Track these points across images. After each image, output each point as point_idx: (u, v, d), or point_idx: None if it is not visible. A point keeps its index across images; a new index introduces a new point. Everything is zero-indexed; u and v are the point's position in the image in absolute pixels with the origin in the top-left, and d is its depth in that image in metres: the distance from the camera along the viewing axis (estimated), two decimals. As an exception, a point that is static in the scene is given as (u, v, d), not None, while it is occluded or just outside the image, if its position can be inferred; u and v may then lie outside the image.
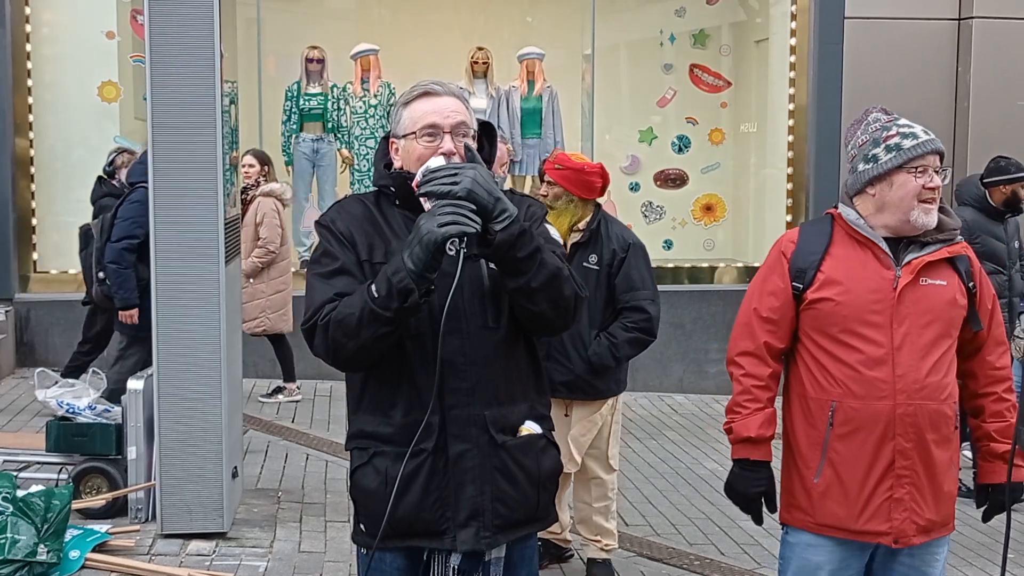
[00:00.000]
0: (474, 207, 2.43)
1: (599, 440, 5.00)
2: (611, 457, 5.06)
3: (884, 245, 3.10)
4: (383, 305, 2.45)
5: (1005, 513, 3.18)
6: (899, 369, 3.05)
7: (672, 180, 10.35)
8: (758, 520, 3.34)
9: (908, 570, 3.20)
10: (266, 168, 8.24)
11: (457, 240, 2.43)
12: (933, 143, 3.08)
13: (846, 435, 3.10)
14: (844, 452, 3.11)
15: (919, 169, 3.06)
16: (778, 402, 3.29)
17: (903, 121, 3.14)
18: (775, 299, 3.19)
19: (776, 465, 3.27)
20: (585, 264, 4.84)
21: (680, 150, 10.36)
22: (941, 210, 3.15)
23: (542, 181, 5.09)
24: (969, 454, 6.33)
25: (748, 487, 3.25)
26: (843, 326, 3.10)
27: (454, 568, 2.63)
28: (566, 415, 4.92)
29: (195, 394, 4.97)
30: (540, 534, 5.19)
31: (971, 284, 3.14)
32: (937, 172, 3.07)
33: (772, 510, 3.31)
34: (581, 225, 4.88)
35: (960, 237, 3.17)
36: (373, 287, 2.48)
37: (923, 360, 3.06)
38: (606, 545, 5.09)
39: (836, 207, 3.23)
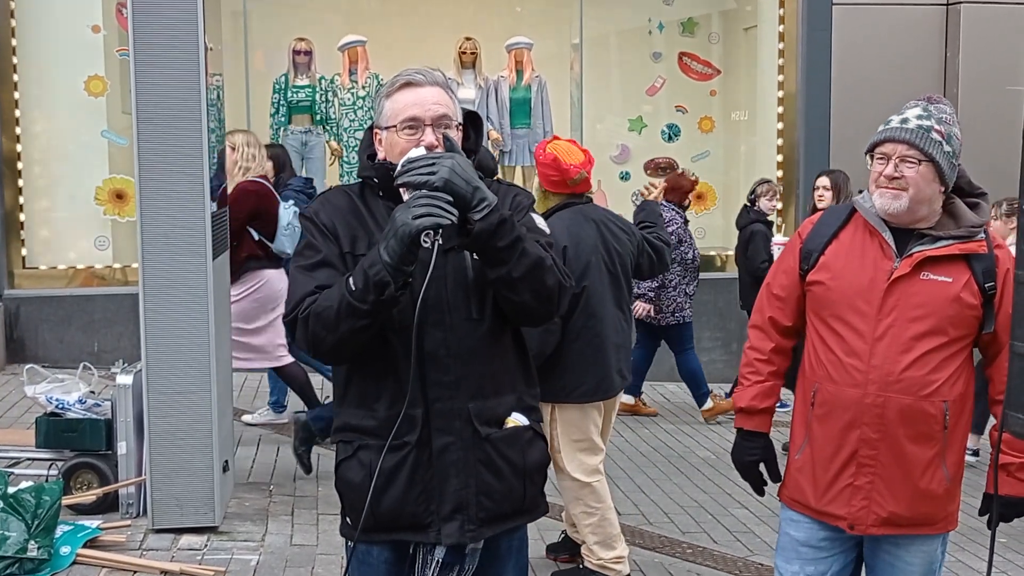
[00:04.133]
0: (450, 198, 2.42)
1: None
2: (565, 466, 4.79)
3: (888, 234, 3.08)
4: (360, 298, 2.44)
5: (993, 499, 3.18)
6: (875, 359, 3.04)
7: (662, 169, 10.33)
8: (758, 490, 3.39)
9: (893, 560, 3.20)
10: None
11: (432, 232, 2.41)
12: (895, 131, 3.02)
13: (821, 417, 3.14)
14: (818, 434, 3.15)
15: (879, 156, 3.07)
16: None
17: (914, 108, 3.07)
18: (785, 277, 3.25)
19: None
20: None
21: (670, 139, 10.35)
22: (972, 204, 3.10)
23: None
24: None
25: (743, 456, 3.34)
26: (832, 311, 3.12)
27: (439, 561, 2.62)
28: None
29: (184, 388, 4.95)
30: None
31: (988, 285, 3.03)
32: (906, 161, 2.99)
33: (775, 480, 3.36)
34: None
35: (981, 234, 3.05)
36: (351, 280, 2.47)
37: (904, 354, 3.02)
38: (587, 554, 4.89)
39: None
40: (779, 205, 8.37)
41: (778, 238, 7.99)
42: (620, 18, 10.63)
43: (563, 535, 5.22)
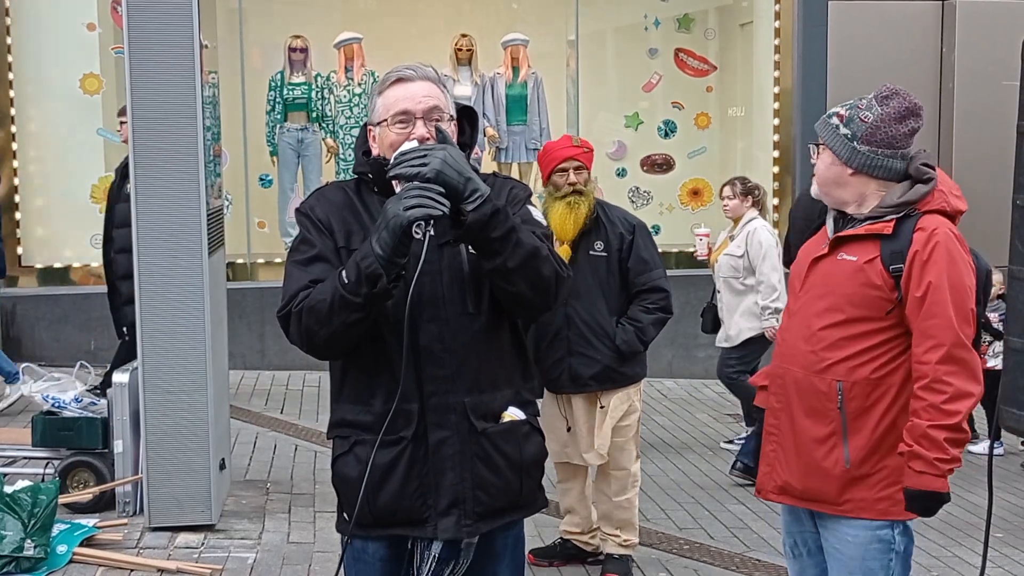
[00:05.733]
0: (442, 189, 2.42)
1: (627, 428, 4.92)
2: (637, 444, 5.01)
3: (829, 220, 3.21)
4: (353, 291, 2.44)
5: (988, 494, 3.18)
6: (787, 334, 3.20)
7: (659, 165, 10.34)
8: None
9: (826, 544, 3.20)
10: None
11: (423, 223, 2.41)
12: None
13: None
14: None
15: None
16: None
17: (860, 99, 3.16)
18: (798, 266, 3.36)
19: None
20: (592, 252, 4.78)
21: (666, 135, 10.34)
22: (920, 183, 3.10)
23: (551, 174, 4.89)
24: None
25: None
26: (791, 293, 3.31)
27: (435, 556, 2.62)
28: (601, 407, 4.84)
29: (181, 386, 4.95)
30: (563, 532, 5.18)
31: (893, 267, 3.02)
32: (817, 149, 3.16)
33: None
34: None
35: (892, 215, 3.05)
36: (343, 273, 2.47)
37: (804, 329, 3.12)
38: (625, 540, 4.97)
39: None
40: None
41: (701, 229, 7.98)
42: (616, 14, 10.62)
43: (560, 540, 5.21)
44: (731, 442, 7.48)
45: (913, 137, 3.11)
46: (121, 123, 7.11)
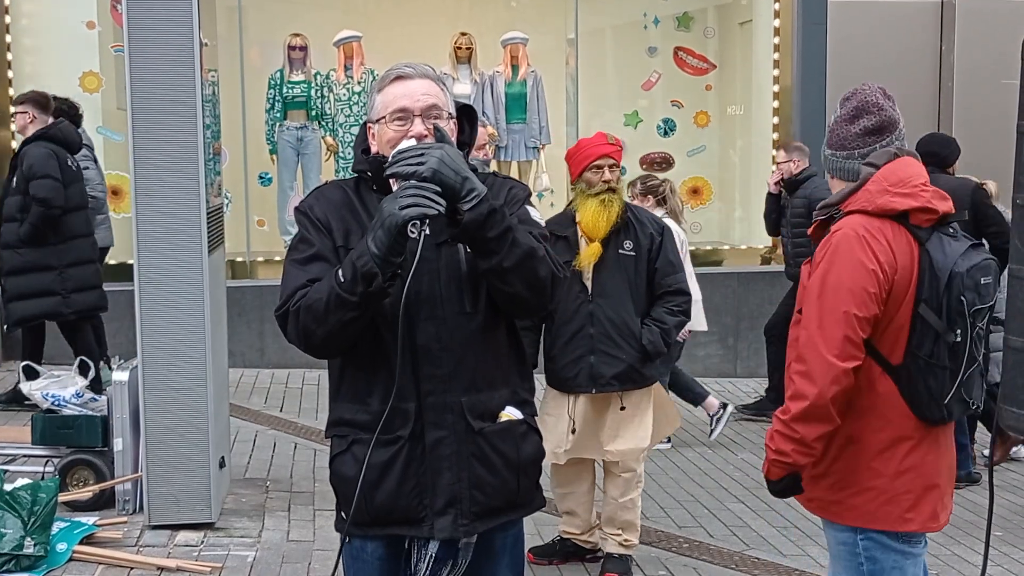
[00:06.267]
0: (439, 188, 2.42)
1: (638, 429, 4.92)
2: (649, 447, 5.00)
3: None
4: (349, 290, 2.44)
5: (989, 493, 3.19)
6: None
7: (658, 164, 10.33)
8: None
9: None
10: None
11: (419, 222, 2.41)
12: None
13: None
14: None
15: None
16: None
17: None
18: None
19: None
20: (621, 251, 4.75)
21: (666, 133, 10.34)
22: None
23: (583, 171, 4.80)
24: None
25: None
26: None
27: (432, 556, 2.62)
28: (622, 408, 4.82)
29: (180, 384, 4.94)
30: (561, 532, 5.18)
31: (811, 268, 3.04)
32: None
33: None
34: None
35: (816, 218, 3.10)
36: (340, 272, 2.47)
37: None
38: (626, 540, 4.96)
39: None
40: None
41: None
42: (615, 13, 10.62)
43: (558, 538, 5.21)
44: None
45: (872, 136, 3.02)
46: (15, 113, 7.16)
